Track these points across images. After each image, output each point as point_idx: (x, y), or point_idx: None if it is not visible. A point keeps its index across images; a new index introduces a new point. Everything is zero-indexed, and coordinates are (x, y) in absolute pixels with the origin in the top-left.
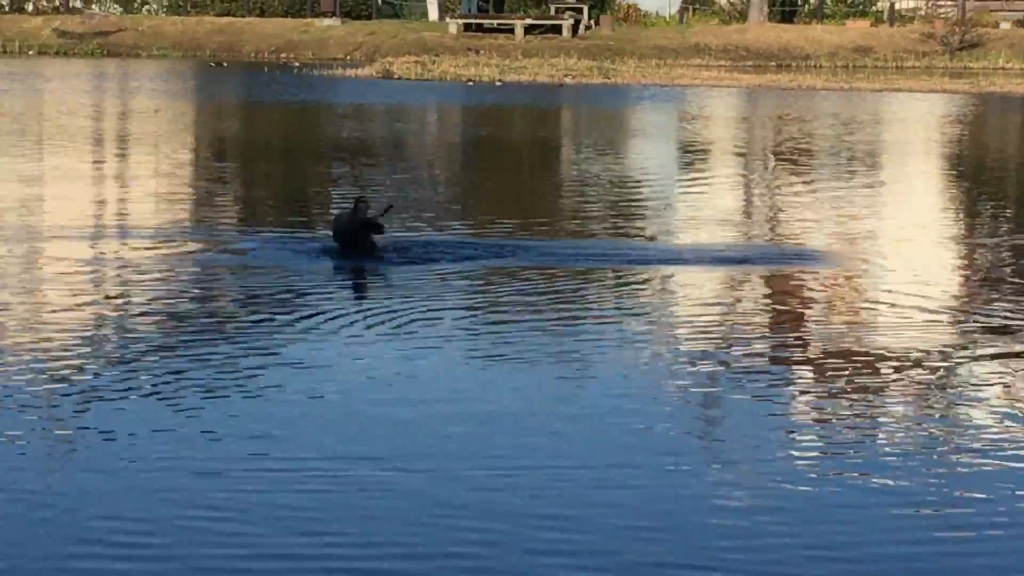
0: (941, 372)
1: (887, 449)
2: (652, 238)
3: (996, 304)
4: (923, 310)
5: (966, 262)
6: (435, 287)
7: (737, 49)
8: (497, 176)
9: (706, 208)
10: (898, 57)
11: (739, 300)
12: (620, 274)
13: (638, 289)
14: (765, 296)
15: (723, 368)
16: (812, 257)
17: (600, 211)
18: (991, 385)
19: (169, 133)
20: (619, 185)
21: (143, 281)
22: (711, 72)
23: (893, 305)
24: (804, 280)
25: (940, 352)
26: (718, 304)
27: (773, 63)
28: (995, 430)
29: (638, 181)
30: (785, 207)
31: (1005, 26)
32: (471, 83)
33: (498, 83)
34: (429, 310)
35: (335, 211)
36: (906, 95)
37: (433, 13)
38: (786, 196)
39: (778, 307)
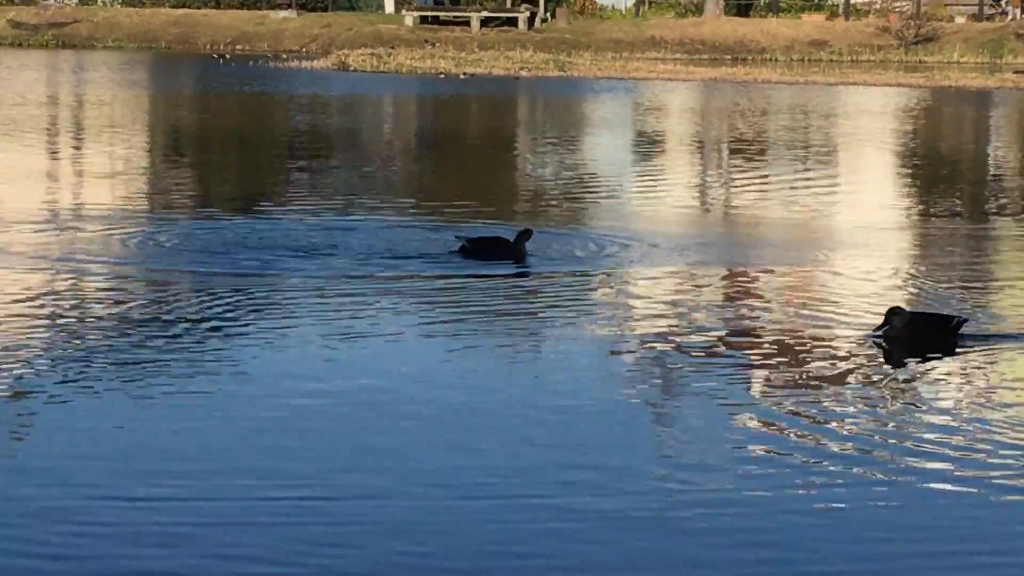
0: (890, 369)
1: (832, 447)
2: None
3: (944, 295)
4: (873, 302)
5: (918, 255)
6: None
7: (693, 42)
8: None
9: (656, 200)
10: (853, 51)
11: (691, 295)
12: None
13: (584, 284)
14: (718, 290)
15: (673, 365)
16: (764, 249)
17: (553, 201)
18: (940, 380)
19: (122, 122)
20: (572, 177)
21: (67, 277)
22: (667, 65)
23: (844, 298)
24: (756, 274)
25: (889, 349)
26: (667, 300)
27: (729, 56)
28: (941, 426)
29: (592, 172)
30: (738, 198)
31: (959, 20)
32: (443, 75)
33: (464, 76)
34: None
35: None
36: (861, 88)
37: (389, 5)
38: (739, 187)
39: (730, 301)
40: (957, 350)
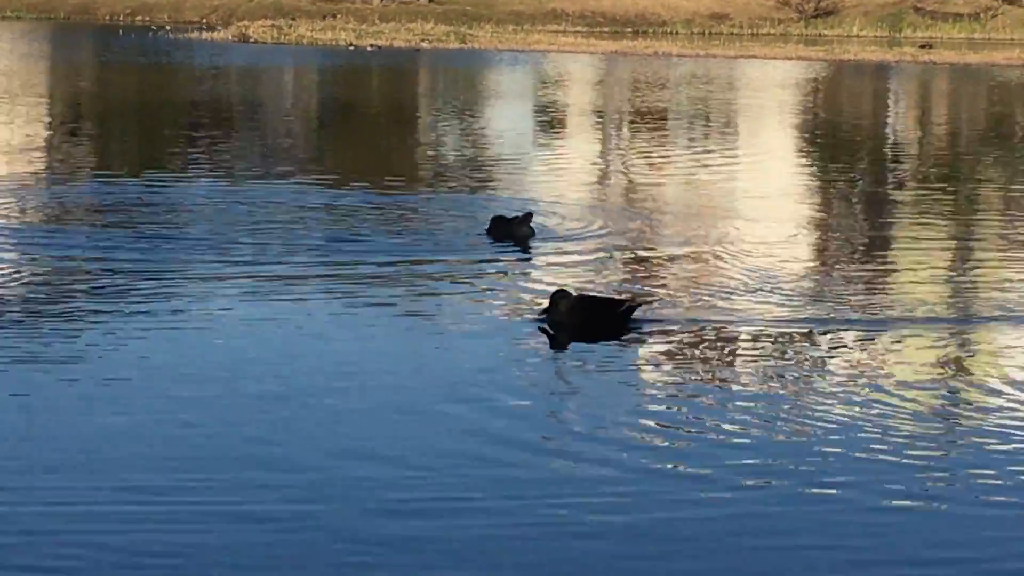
0: (792, 347)
1: (733, 427)
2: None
3: (845, 271)
4: (775, 278)
5: (817, 227)
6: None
7: (594, 15)
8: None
9: (557, 171)
10: (753, 24)
11: (592, 271)
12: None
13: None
14: (621, 267)
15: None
16: (664, 220)
17: (453, 169)
18: (843, 359)
19: (19, 93)
20: (474, 146)
21: None
22: (568, 38)
23: (746, 273)
24: (654, 249)
25: (791, 324)
26: (562, 275)
27: (629, 29)
28: (843, 405)
29: (493, 143)
30: (638, 170)
31: None
32: (352, 47)
33: (370, 48)
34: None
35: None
36: (761, 62)
37: None
38: (640, 159)
39: (630, 277)
40: (628, 335)
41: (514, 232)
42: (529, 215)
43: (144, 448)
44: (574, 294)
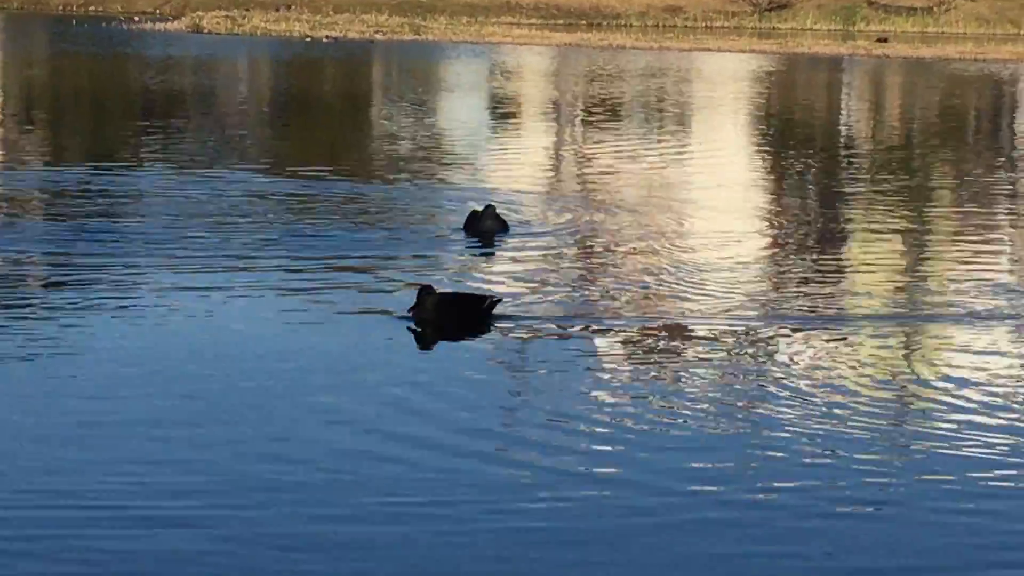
0: (742, 340)
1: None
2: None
3: (792, 265)
4: (719, 273)
5: (771, 219)
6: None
7: (548, 7)
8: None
9: (510, 162)
10: (707, 17)
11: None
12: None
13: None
14: (568, 258)
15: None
16: (610, 210)
17: (407, 159)
18: (794, 353)
19: None
20: (428, 137)
21: None
22: (522, 30)
23: (691, 270)
24: (605, 239)
25: (743, 318)
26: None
27: (583, 22)
28: (798, 399)
29: (447, 135)
30: (591, 162)
31: None
32: (308, 39)
33: (327, 39)
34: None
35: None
36: (715, 55)
37: None
38: (594, 151)
39: (577, 268)
40: (490, 330)
41: (478, 227)
42: (487, 209)
43: (50, 449)
44: (437, 290)
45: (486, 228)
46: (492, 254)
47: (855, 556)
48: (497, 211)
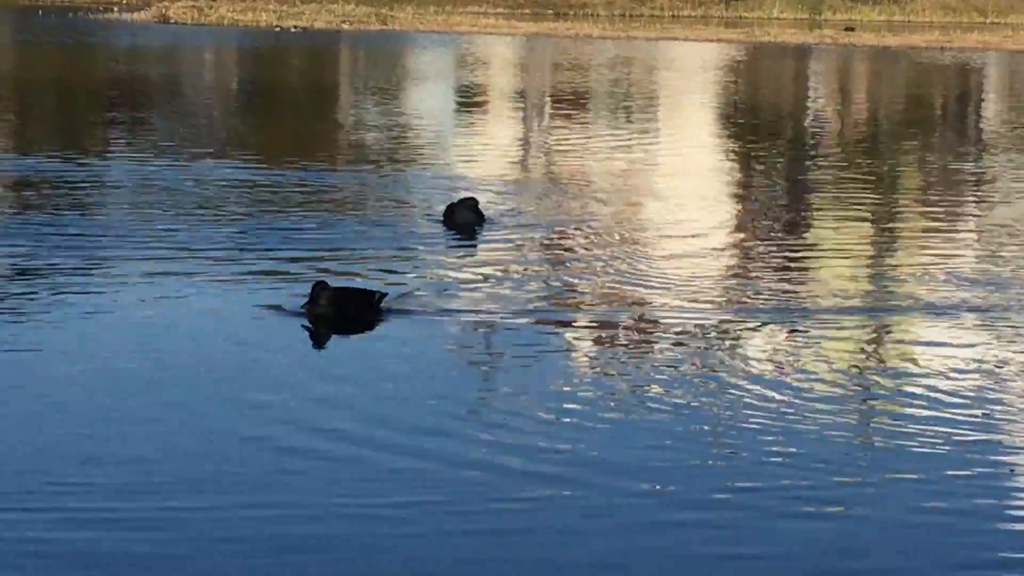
0: (708, 334)
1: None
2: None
3: (766, 252)
4: (693, 258)
5: (738, 208)
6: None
7: None
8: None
9: (478, 152)
10: (674, 6)
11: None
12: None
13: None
14: (535, 249)
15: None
16: (579, 201)
17: (377, 149)
18: (759, 347)
19: None
20: (397, 126)
21: None
22: (489, 20)
23: (653, 263)
24: (573, 229)
25: (708, 311)
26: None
27: (550, 11)
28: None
29: (414, 124)
30: (558, 152)
31: None
32: (278, 29)
33: (294, 29)
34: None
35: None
36: (682, 44)
37: None
38: (561, 141)
39: (546, 259)
40: (380, 325)
41: (454, 219)
42: (465, 201)
43: None
44: (331, 286)
45: (462, 219)
46: (468, 246)
47: (821, 557)
48: (477, 203)
